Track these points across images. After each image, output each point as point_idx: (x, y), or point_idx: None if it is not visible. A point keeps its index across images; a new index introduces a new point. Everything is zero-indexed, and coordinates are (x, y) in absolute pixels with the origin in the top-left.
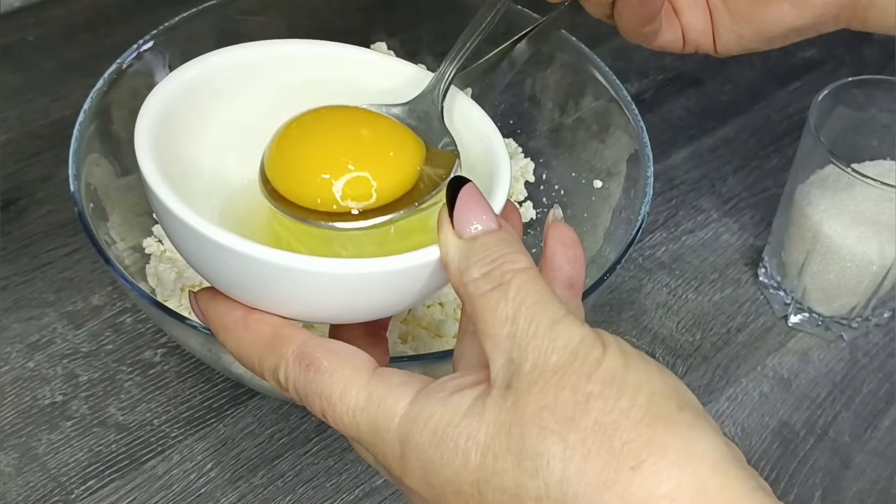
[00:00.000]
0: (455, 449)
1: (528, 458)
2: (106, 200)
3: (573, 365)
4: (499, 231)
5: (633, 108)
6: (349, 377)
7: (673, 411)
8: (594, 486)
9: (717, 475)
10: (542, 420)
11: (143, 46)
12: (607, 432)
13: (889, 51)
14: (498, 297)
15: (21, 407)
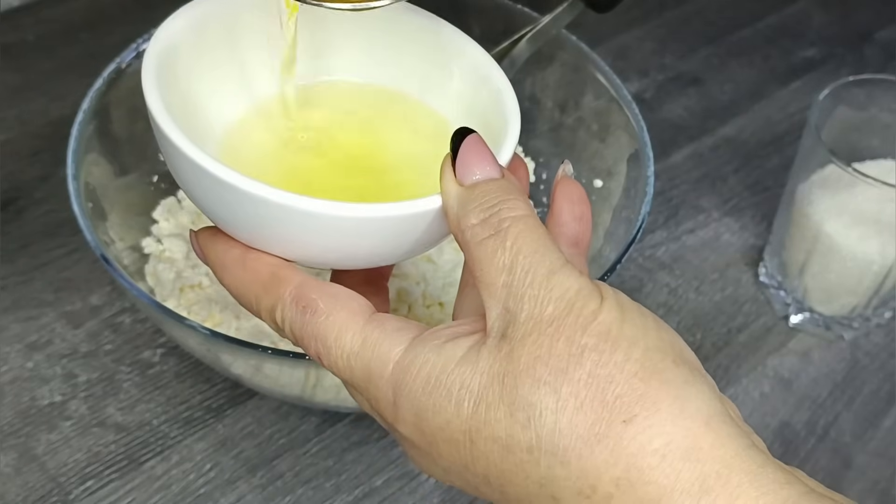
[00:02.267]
0: (448, 397)
1: (520, 408)
2: (105, 200)
3: (569, 317)
4: (500, 179)
5: (633, 107)
6: (345, 321)
7: (668, 367)
8: (585, 439)
9: (709, 433)
10: (535, 371)
11: (142, 46)
12: (600, 385)
13: (890, 50)
14: (495, 245)
15: (20, 407)
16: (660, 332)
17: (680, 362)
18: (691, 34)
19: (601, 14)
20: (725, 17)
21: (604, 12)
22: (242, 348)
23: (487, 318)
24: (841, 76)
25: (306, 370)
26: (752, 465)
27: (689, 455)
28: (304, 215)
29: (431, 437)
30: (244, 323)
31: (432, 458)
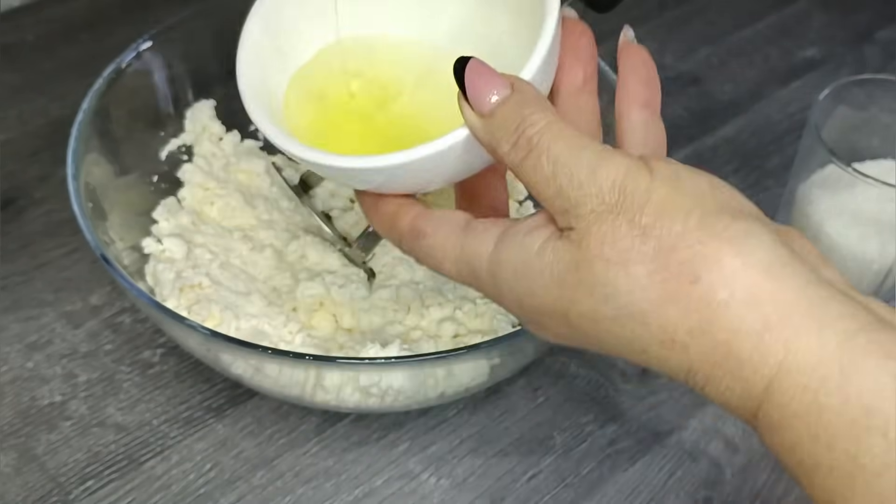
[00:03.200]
0: (534, 283)
1: (597, 287)
2: (104, 200)
3: (625, 202)
4: (511, 96)
5: None
6: (446, 235)
7: (725, 226)
8: (658, 303)
9: (769, 279)
10: (604, 255)
11: (141, 46)
12: (665, 256)
13: (890, 50)
14: (533, 163)
15: (20, 407)
16: (714, 192)
17: (736, 216)
18: (691, 34)
19: (601, 14)
20: (725, 17)
21: (604, 12)
22: (242, 348)
23: (555, 218)
24: (841, 76)
25: (306, 370)
26: (814, 302)
27: (751, 302)
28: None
29: (534, 313)
30: (244, 323)
31: (543, 327)
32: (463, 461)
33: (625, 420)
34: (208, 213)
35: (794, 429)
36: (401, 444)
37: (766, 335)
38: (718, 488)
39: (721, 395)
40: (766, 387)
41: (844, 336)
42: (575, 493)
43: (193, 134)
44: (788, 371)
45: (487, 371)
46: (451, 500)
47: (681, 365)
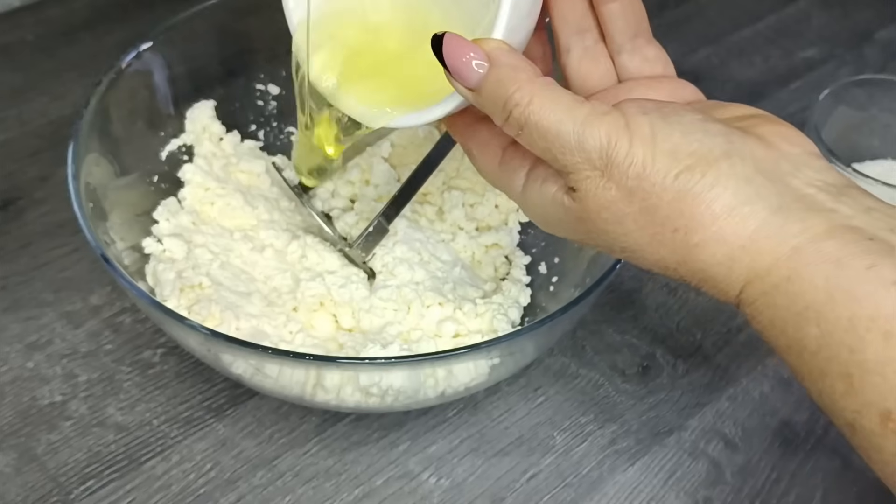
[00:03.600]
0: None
1: (601, 235)
2: (105, 200)
3: (611, 167)
4: (490, 72)
5: None
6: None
7: (696, 182)
8: (650, 245)
9: (732, 220)
10: (602, 216)
11: (142, 46)
12: (650, 213)
13: (890, 50)
14: (527, 139)
15: (20, 407)
16: (687, 140)
17: (707, 169)
18: (691, 34)
19: None
20: (725, 17)
21: None
22: (243, 348)
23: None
24: (841, 76)
25: (306, 370)
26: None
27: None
28: None
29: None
30: (244, 323)
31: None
32: (463, 461)
33: (625, 420)
34: (208, 213)
35: (761, 320)
36: (401, 444)
37: (733, 264)
38: (718, 488)
39: (708, 293)
40: (738, 293)
41: (793, 249)
42: (575, 492)
43: (194, 134)
44: (752, 284)
45: (487, 371)
46: (451, 500)
47: (674, 277)
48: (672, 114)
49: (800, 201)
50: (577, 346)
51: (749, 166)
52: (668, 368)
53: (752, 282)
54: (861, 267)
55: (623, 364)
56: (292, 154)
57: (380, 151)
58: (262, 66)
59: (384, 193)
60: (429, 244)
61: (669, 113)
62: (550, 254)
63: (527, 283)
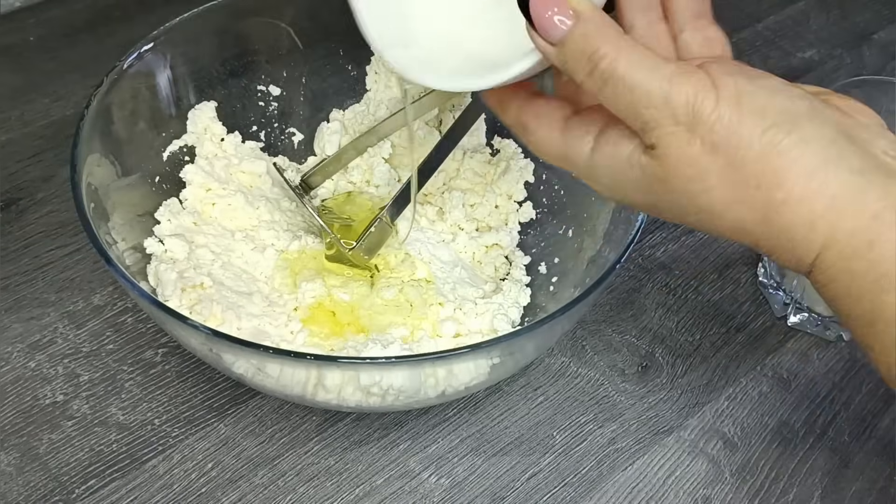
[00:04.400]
0: (626, 186)
1: (680, 195)
2: (107, 200)
3: (696, 123)
4: (577, 25)
5: None
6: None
7: (781, 139)
8: (730, 203)
9: (815, 180)
10: (684, 172)
11: (143, 47)
12: (734, 169)
13: (888, 51)
14: (611, 91)
15: (22, 407)
16: (773, 101)
17: (794, 128)
18: None
19: None
20: (724, 18)
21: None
22: (244, 348)
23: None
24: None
25: (307, 370)
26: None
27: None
28: None
29: (624, 201)
30: (245, 323)
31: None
32: (463, 460)
33: (624, 419)
34: (210, 213)
35: (837, 286)
36: (401, 444)
37: (814, 223)
38: (717, 487)
39: (779, 260)
40: (814, 260)
41: (873, 214)
42: (575, 492)
43: (195, 135)
44: (830, 247)
45: (487, 371)
46: (452, 500)
47: (748, 241)
48: (757, 77)
49: (880, 168)
50: (577, 346)
51: (832, 128)
52: (667, 368)
53: (830, 246)
54: None
55: (623, 364)
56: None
57: (380, 152)
58: (264, 67)
59: (385, 194)
60: (429, 244)
61: (755, 76)
62: (550, 254)
63: (527, 283)
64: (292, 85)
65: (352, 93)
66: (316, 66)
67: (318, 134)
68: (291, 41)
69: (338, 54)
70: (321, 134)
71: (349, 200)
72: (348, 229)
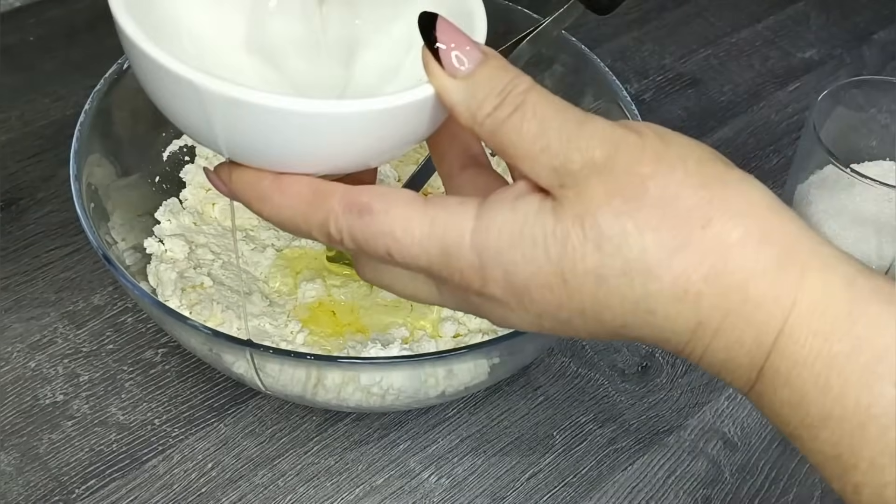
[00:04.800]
0: (534, 245)
1: (606, 240)
2: (107, 200)
3: (619, 153)
4: (489, 59)
5: (633, 108)
6: (406, 211)
7: (722, 171)
8: (671, 250)
9: (774, 217)
10: (610, 205)
11: None
12: (671, 203)
13: (889, 51)
14: (519, 120)
15: (22, 406)
16: (700, 144)
17: (728, 165)
18: (691, 35)
19: (602, 16)
20: (725, 18)
21: (604, 14)
22: (244, 348)
23: (539, 181)
24: (840, 77)
25: (307, 370)
26: (813, 243)
27: (764, 239)
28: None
29: (523, 287)
30: (246, 323)
31: (524, 308)
32: (463, 460)
33: (624, 419)
34: (210, 213)
35: (804, 380)
36: (401, 444)
37: (781, 274)
38: (717, 487)
39: (727, 352)
40: (779, 333)
41: (847, 279)
42: (575, 492)
43: None
44: (800, 315)
45: (487, 371)
46: (452, 500)
47: (688, 322)
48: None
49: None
50: (577, 345)
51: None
52: (667, 368)
53: (801, 313)
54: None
55: (623, 364)
56: None
57: None
58: None
59: None
60: None
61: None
62: None
63: None
64: None
65: None
66: None
67: None
68: None
69: None
70: None
71: None
72: None
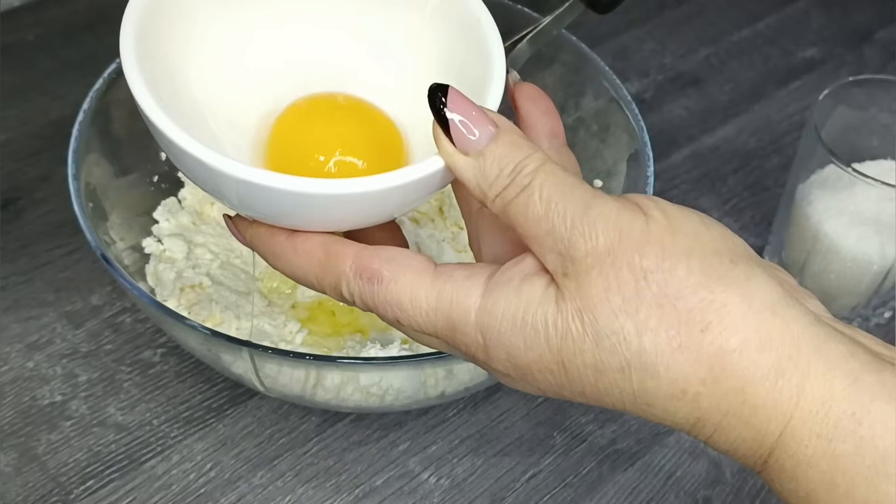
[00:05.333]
0: (535, 334)
1: (604, 337)
2: (105, 200)
3: (622, 243)
4: (501, 135)
5: (633, 107)
6: (414, 281)
7: (727, 269)
8: (669, 353)
9: (776, 320)
10: (609, 302)
11: None
12: (671, 303)
13: (890, 50)
14: (525, 201)
15: (20, 407)
16: (710, 231)
17: (736, 259)
18: (691, 34)
19: (602, 15)
20: (725, 17)
21: (605, 13)
22: (243, 348)
23: (546, 264)
24: (841, 76)
25: (307, 370)
26: (817, 342)
27: (763, 346)
28: (336, 198)
29: (526, 368)
30: (244, 323)
31: (527, 383)
32: (463, 461)
33: (625, 420)
34: (209, 213)
35: (809, 478)
36: (401, 444)
37: (780, 380)
38: (718, 488)
39: (730, 444)
40: (780, 434)
41: (850, 377)
42: (575, 492)
43: None
44: (801, 418)
45: None
46: (451, 500)
47: (688, 417)
48: (686, 209)
49: (825, 322)
50: None
51: (772, 273)
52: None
53: (802, 417)
54: None
55: None
56: None
57: None
58: None
59: None
60: (429, 243)
61: (683, 208)
62: None
63: None
64: None
65: None
66: None
67: None
68: None
69: None
70: None
71: None
72: None
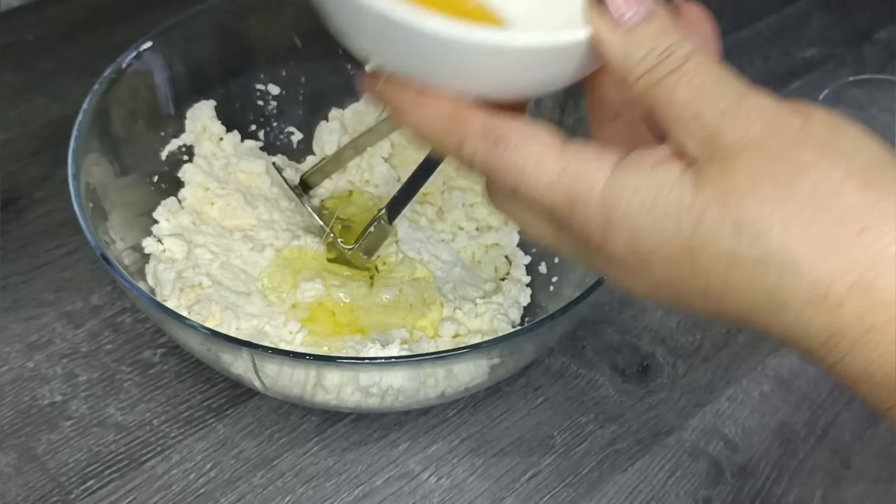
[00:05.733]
0: (666, 217)
1: (746, 225)
2: (105, 200)
3: (778, 135)
4: (657, 15)
5: None
6: (540, 151)
7: (892, 177)
8: (817, 251)
9: None
10: (758, 188)
11: (142, 46)
12: (828, 199)
13: (890, 50)
14: (674, 82)
15: (20, 407)
16: (874, 141)
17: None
18: None
19: None
20: (725, 17)
21: None
22: (243, 348)
23: (687, 149)
24: (841, 76)
25: (306, 370)
26: None
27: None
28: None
29: (647, 255)
30: (244, 323)
31: (642, 276)
32: (463, 461)
33: (625, 420)
34: (209, 213)
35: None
36: (401, 444)
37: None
38: (718, 488)
39: (863, 370)
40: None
41: None
42: (575, 492)
43: (194, 134)
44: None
45: (487, 371)
46: (451, 500)
47: (823, 329)
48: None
49: None
50: (577, 346)
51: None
52: (668, 368)
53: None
54: None
55: (623, 364)
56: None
57: (380, 152)
58: (263, 66)
59: (384, 194)
60: (429, 244)
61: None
62: (550, 254)
63: (527, 283)
64: (291, 84)
65: (351, 92)
66: (315, 66)
67: (318, 133)
68: (291, 40)
69: (337, 53)
70: (320, 133)
71: (349, 200)
72: (348, 230)
